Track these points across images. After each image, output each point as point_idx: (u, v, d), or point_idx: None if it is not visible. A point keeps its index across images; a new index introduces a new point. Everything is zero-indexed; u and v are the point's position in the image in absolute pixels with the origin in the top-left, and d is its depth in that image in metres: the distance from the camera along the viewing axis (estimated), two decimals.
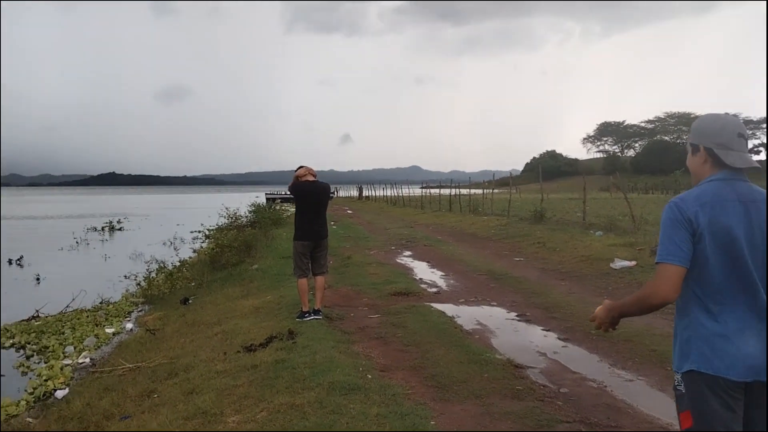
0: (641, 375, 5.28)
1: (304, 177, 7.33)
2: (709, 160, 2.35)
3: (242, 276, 11.92)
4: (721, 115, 2.43)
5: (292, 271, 7.41)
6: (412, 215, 31.43)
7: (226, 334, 7.16)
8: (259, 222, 21.02)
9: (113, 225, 32.01)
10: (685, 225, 2.22)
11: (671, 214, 2.26)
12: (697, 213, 2.22)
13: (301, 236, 7.30)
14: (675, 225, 2.23)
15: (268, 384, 4.97)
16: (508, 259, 13.10)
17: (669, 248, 2.22)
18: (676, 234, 2.22)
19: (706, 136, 2.37)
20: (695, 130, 2.42)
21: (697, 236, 2.22)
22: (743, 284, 2.24)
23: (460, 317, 7.58)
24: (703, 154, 2.37)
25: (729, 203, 2.26)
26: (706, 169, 2.37)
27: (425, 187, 46.13)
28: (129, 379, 6.28)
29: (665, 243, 2.24)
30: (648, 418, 4.34)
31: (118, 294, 12.54)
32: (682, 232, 2.22)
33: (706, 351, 2.21)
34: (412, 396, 4.67)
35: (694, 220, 2.22)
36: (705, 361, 2.20)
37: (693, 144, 2.42)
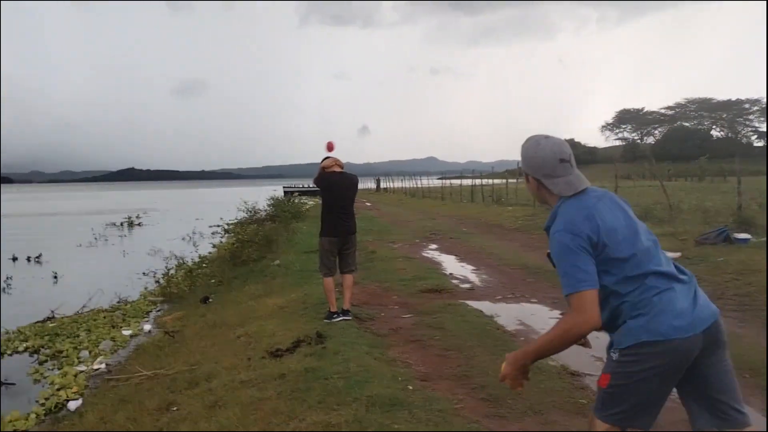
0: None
1: (331, 168, 6.78)
2: (542, 187, 2.47)
3: (264, 272, 11.47)
4: (541, 141, 2.49)
5: (318, 268, 6.87)
6: (432, 207, 30.86)
7: (250, 337, 6.68)
8: (279, 216, 20.62)
9: (132, 220, 31.81)
10: (586, 246, 2.28)
11: (569, 242, 2.29)
12: (589, 227, 2.30)
13: (328, 232, 6.77)
14: (576, 251, 2.27)
15: (298, 397, 4.45)
16: (541, 252, 12.46)
17: (578, 276, 2.25)
18: (580, 259, 2.27)
19: (531, 168, 2.49)
20: (522, 159, 2.52)
21: (598, 246, 2.29)
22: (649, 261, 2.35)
23: (500, 316, 7.03)
24: (534, 183, 2.50)
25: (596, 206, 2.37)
26: (543, 193, 2.49)
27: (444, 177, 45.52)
28: (146, 389, 5.81)
29: (571, 272, 2.26)
30: None
31: (136, 292, 12.14)
32: (585, 255, 2.27)
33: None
34: (461, 412, 4.13)
35: (591, 235, 2.29)
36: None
37: (525, 172, 2.53)
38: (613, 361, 2.37)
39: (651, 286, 2.31)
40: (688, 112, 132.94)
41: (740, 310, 6.91)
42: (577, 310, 2.25)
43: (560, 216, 2.38)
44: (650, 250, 2.40)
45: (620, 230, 2.36)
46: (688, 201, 21.13)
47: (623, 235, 2.35)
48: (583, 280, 2.24)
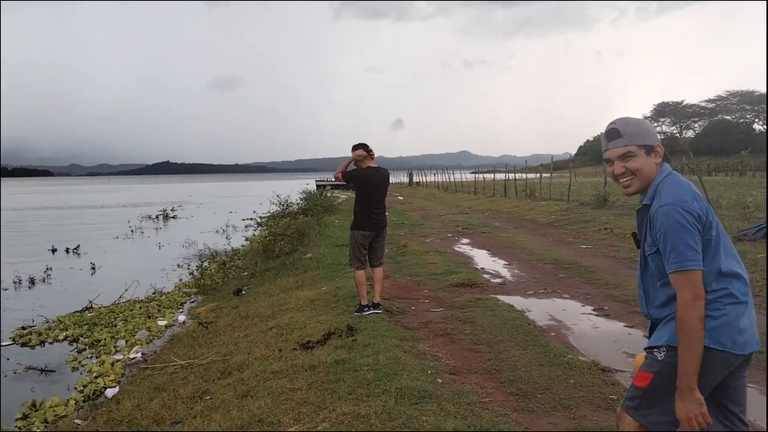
0: (750, 381, 4.58)
1: (362, 161, 6.78)
2: (655, 156, 2.38)
3: (296, 265, 11.56)
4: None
5: (348, 262, 6.90)
6: (465, 201, 30.71)
7: (281, 329, 6.75)
8: (311, 209, 20.75)
9: (167, 213, 32.34)
10: (697, 225, 2.21)
11: (681, 218, 2.20)
12: (701, 207, 2.24)
13: (361, 225, 6.79)
14: (689, 228, 2.19)
15: (328, 388, 4.50)
16: (574, 247, 12.35)
17: (692, 254, 2.18)
18: (691, 238, 2.19)
19: (651, 134, 2.39)
20: (644, 131, 2.38)
21: (706, 227, 2.23)
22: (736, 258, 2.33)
23: (531, 311, 6.98)
24: (660, 151, 2.39)
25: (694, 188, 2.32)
26: (653, 164, 2.38)
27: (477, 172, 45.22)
28: (180, 378, 5.92)
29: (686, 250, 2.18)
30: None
31: (171, 284, 12.35)
32: (695, 235, 2.20)
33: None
34: (490, 405, 4.13)
35: (703, 215, 2.23)
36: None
37: (647, 145, 2.37)
38: (658, 360, 2.32)
39: (733, 293, 2.26)
40: (729, 105, 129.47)
41: None
42: (685, 289, 2.18)
43: (667, 191, 2.29)
44: (731, 248, 2.35)
45: (712, 212, 2.31)
46: (727, 196, 20.64)
47: (716, 219, 2.31)
48: (693, 259, 2.18)
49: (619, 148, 2.37)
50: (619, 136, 2.37)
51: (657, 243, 2.28)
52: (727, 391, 2.36)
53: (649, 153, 2.36)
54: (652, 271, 2.38)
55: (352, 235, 6.87)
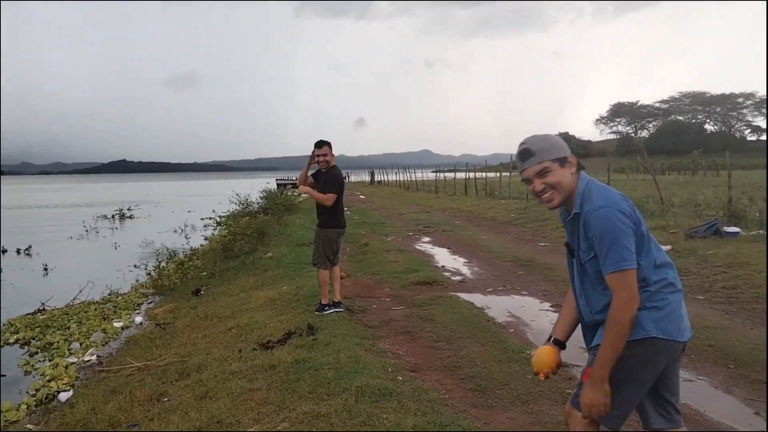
0: (701, 374, 4.75)
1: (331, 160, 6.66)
2: (570, 166, 2.39)
3: (256, 265, 11.45)
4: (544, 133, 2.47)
5: (314, 262, 6.79)
6: (426, 200, 30.89)
7: (241, 329, 6.69)
8: (272, 208, 20.58)
9: (123, 213, 31.68)
10: (630, 225, 2.24)
11: (615, 219, 2.23)
12: (629, 206, 2.29)
13: (337, 224, 6.75)
14: (623, 228, 2.22)
15: (288, 388, 4.48)
16: (533, 245, 12.55)
17: (626, 254, 2.21)
18: (625, 238, 2.22)
19: (560, 148, 2.40)
20: (554, 146, 2.40)
21: (637, 224, 2.28)
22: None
23: (491, 308, 7.07)
24: (573, 161, 2.40)
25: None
26: (575, 177, 2.40)
27: (438, 171, 45.53)
28: (137, 380, 5.81)
29: (621, 250, 2.21)
30: (720, 426, 3.83)
31: (128, 285, 12.10)
32: (629, 234, 2.23)
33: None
34: (450, 402, 4.17)
35: (632, 214, 2.27)
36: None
37: (560, 158, 2.38)
38: None
39: (671, 282, 2.33)
40: (682, 106, 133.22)
41: (727, 302, 6.97)
42: (621, 289, 2.20)
43: (596, 195, 2.30)
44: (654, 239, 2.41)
45: (638, 211, 2.35)
46: (680, 195, 21.23)
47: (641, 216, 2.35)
48: (629, 259, 2.20)
49: (534, 165, 2.38)
50: (532, 154, 2.38)
51: (593, 247, 2.29)
52: (666, 383, 2.42)
53: (563, 165, 2.38)
54: (591, 277, 2.38)
55: (324, 233, 6.71)
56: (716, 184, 28.85)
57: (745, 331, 5.79)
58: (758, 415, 3.96)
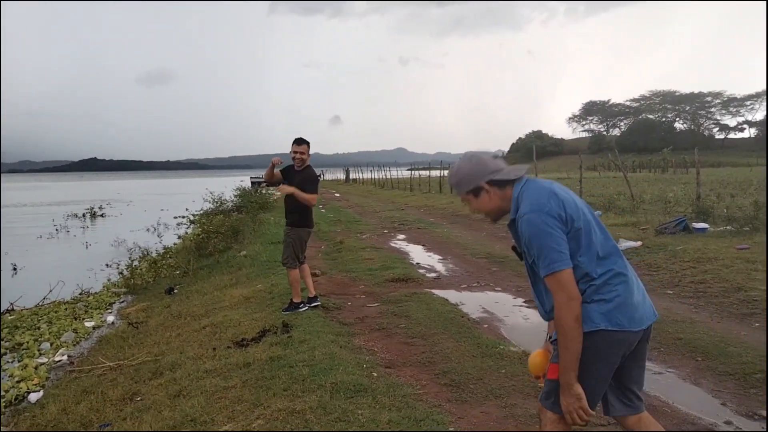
0: (670, 367, 4.85)
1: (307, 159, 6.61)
2: (494, 189, 2.43)
3: (230, 263, 11.38)
4: (468, 155, 2.50)
5: (284, 261, 6.73)
6: (401, 198, 30.96)
7: (215, 328, 6.65)
8: (246, 206, 20.45)
9: (95, 211, 31.17)
10: (558, 225, 2.24)
11: (540, 222, 2.24)
12: (558, 204, 2.28)
13: (310, 223, 6.75)
14: (550, 230, 2.23)
15: (263, 385, 4.47)
16: (506, 241, 12.64)
17: (557, 255, 2.22)
18: (555, 240, 2.23)
19: (478, 175, 2.44)
20: (464, 179, 2.47)
21: (568, 222, 2.27)
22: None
23: (465, 305, 7.13)
24: (488, 188, 2.44)
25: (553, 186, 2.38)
26: (497, 197, 2.44)
27: (413, 168, 45.67)
28: (109, 379, 5.74)
29: (552, 252, 2.22)
30: (688, 417, 3.91)
31: (99, 284, 11.92)
32: (558, 235, 2.24)
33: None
34: (424, 397, 4.20)
35: (562, 212, 2.26)
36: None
37: (473, 189, 2.46)
38: None
39: (618, 272, 2.31)
40: (652, 105, 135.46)
41: (695, 296, 7.12)
42: (558, 291, 2.22)
43: (524, 200, 2.33)
44: (604, 228, 2.41)
45: (578, 202, 2.37)
46: (650, 192, 21.60)
47: (581, 207, 2.36)
48: (559, 260, 2.21)
49: (460, 195, 2.54)
50: (453, 186, 2.55)
51: (528, 251, 2.33)
52: (626, 371, 2.42)
53: (478, 194, 2.46)
54: (539, 278, 2.38)
55: (296, 232, 6.64)
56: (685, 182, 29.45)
57: (713, 324, 5.92)
58: (725, 406, 4.06)
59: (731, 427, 3.76)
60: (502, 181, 2.43)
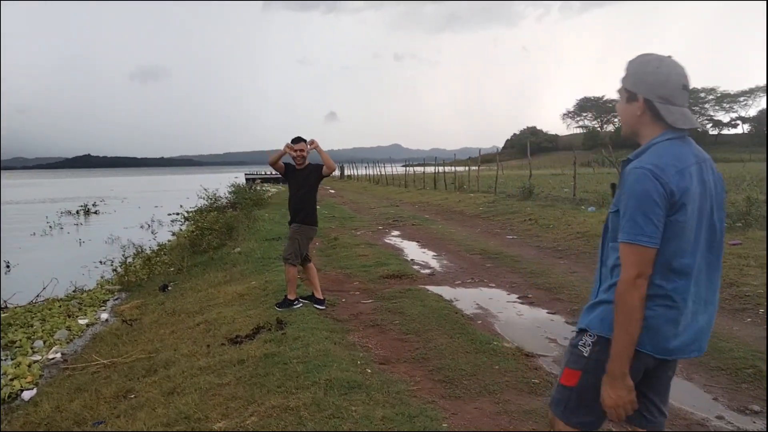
0: None
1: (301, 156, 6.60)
2: (647, 113, 2.07)
3: (224, 260, 11.36)
4: (664, 59, 2.07)
5: (286, 257, 6.66)
6: (396, 194, 30.97)
7: (209, 325, 6.64)
8: (240, 203, 20.41)
9: (88, 208, 31.05)
10: (665, 200, 1.92)
11: (650, 186, 1.92)
12: (678, 182, 1.94)
13: (315, 220, 6.73)
14: (654, 200, 1.91)
15: (257, 382, 4.47)
16: (501, 238, 12.68)
17: (648, 229, 1.91)
18: (653, 211, 1.91)
19: (648, 85, 2.05)
20: (635, 75, 2.09)
21: (675, 207, 1.94)
22: (711, 257, 2.06)
23: (459, 301, 7.14)
24: (640, 106, 2.08)
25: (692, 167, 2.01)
26: (644, 121, 2.09)
27: (408, 165, 45.68)
28: (103, 377, 5.74)
29: (643, 222, 1.91)
30: (681, 412, 3.94)
31: (93, 281, 11.90)
32: (660, 210, 1.92)
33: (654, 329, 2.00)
34: (418, 393, 4.21)
35: (675, 191, 1.93)
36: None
37: (629, 90, 2.10)
38: (584, 356, 2.10)
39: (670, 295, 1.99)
40: None
41: None
42: (630, 266, 1.93)
43: (653, 153, 2.00)
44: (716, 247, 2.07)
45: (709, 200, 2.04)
46: None
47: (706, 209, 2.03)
48: (650, 234, 1.90)
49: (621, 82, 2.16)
50: (624, 70, 2.13)
51: (619, 203, 2.03)
52: (652, 384, 2.18)
53: (630, 101, 2.10)
54: (610, 235, 2.12)
55: (303, 229, 6.59)
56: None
57: None
58: (716, 401, 4.08)
59: (723, 422, 3.78)
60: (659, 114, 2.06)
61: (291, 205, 6.72)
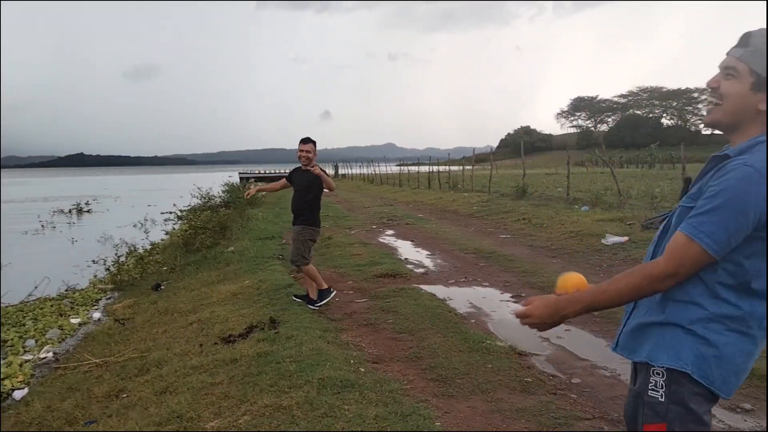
0: None
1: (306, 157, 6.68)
2: (759, 94, 1.64)
3: (217, 259, 11.33)
4: None
5: (295, 261, 6.66)
6: (390, 193, 30.97)
7: (202, 324, 6.62)
8: (234, 202, 20.35)
9: (81, 207, 30.89)
10: (758, 213, 1.56)
11: (753, 191, 1.56)
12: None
13: (318, 222, 6.84)
14: (746, 210, 1.56)
15: (250, 382, 4.46)
16: (495, 237, 12.70)
17: (719, 236, 1.58)
18: (738, 220, 1.56)
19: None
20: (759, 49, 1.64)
21: (761, 225, 1.58)
22: None
23: (452, 300, 7.14)
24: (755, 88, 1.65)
25: None
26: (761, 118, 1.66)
27: (402, 164, 45.68)
28: (95, 376, 5.71)
29: (719, 226, 1.58)
30: None
31: (86, 280, 11.85)
32: (746, 222, 1.57)
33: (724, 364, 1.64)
34: (411, 392, 4.21)
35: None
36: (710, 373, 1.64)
37: (757, 74, 1.64)
38: (660, 402, 1.67)
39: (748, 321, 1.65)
40: (639, 101, 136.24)
41: None
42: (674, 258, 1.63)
43: (760, 153, 1.62)
44: None
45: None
46: (637, 187, 21.71)
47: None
48: (716, 240, 1.59)
49: (731, 58, 1.71)
50: (745, 45, 1.68)
51: (700, 195, 1.68)
52: None
53: (756, 89, 1.66)
54: (669, 232, 1.77)
55: (307, 231, 6.69)
56: (672, 177, 29.64)
57: None
58: None
59: (715, 420, 3.79)
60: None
61: (295, 205, 6.75)
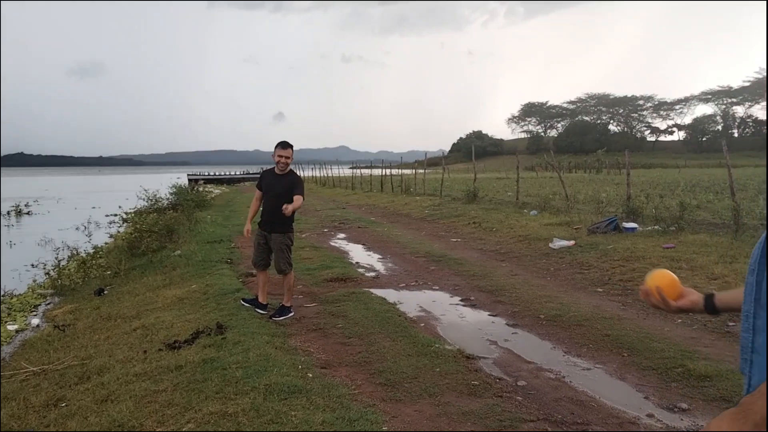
0: (598, 362, 5.01)
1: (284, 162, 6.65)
2: None
3: (164, 263, 11.08)
4: None
5: (283, 268, 6.67)
6: (342, 196, 30.90)
7: (147, 330, 6.46)
8: (182, 204, 19.96)
9: (20, 209, 29.78)
10: None
11: None
12: None
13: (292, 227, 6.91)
14: None
15: (195, 388, 4.37)
16: (445, 240, 12.80)
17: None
18: None
19: None
20: None
21: None
22: None
23: (403, 303, 7.16)
24: None
25: None
26: None
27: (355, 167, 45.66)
28: (32, 385, 5.49)
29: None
30: (614, 411, 4.04)
31: (24, 285, 11.40)
32: None
33: None
34: (359, 397, 4.20)
35: None
36: None
37: None
38: None
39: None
40: (588, 107, 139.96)
41: (623, 294, 7.38)
42: None
43: None
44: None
45: None
46: (584, 192, 22.25)
47: None
48: None
49: None
50: None
51: None
52: None
53: None
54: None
55: (287, 237, 6.77)
56: (618, 182, 30.49)
57: (640, 321, 6.15)
58: (647, 400, 4.21)
59: (653, 420, 3.90)
60: None
61: (271, 212, 6.52)
